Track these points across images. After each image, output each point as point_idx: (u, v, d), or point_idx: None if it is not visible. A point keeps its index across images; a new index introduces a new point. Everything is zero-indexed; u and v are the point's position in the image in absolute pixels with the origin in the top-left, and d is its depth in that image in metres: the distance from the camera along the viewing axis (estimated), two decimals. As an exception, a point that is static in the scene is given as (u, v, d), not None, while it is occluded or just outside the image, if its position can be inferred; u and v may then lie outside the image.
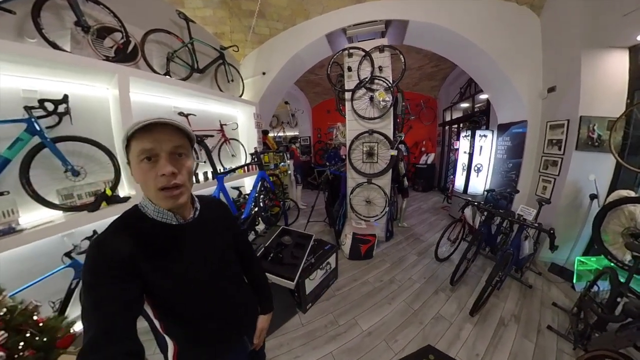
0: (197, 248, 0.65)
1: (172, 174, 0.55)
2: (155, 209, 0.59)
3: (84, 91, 1.74)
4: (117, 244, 0.53)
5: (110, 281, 0.49)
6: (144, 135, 0.53)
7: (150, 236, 0.58)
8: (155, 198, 0.57)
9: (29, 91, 1.50)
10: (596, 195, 2.11)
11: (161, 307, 0.62)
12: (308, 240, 2.06)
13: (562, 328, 1.71)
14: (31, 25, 1.55)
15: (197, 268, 0.63)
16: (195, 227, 0.66)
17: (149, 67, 2.20)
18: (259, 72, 3.41)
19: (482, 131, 3.55)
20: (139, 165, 0.54)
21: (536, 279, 2.31)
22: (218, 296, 0.68)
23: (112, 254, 0.51)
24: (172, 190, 0.56)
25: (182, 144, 0.57)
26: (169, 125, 0.55)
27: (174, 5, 2.58)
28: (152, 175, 0.54)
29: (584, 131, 2.11)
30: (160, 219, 0.60)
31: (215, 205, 0.79)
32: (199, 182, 2.37)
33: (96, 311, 0.47)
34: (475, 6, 2.54)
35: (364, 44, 2.79)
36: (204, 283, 0.64)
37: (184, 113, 2.39)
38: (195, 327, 0.65)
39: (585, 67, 2.07)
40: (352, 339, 1.68)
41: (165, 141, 0.54)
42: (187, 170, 0.59)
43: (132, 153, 0.54)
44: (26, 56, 1.32)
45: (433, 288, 2.19)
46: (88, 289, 0.49)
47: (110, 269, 0.50)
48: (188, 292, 0.61)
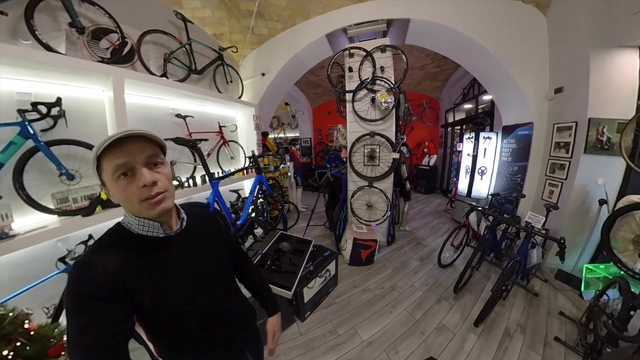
0: (187, 260, 0.62)
1: (153, 183, 0.53)
2: (140, 223, 0.57)
3: (80, 93, 1.71)
4: (101, 263, 0.50)
5: (96, 304, 0.46)
6: (114, 152, 0.50)
7: (137, 252, 0.55)
8: (139, 211, 0.55)
9: (23, 94, 1.48)
10: (605, 201, 2.03)
11: (153, 328, 0.58)
12: (307, 246, 2.01)
13: (570, 339, 1.64)
14: (24, 26, 1.51)
15: (189, 281, 0.60)
16: (183, 238, 0.63)
17: (146, 69, 2.16)
18: (259, 73, 3.37)
19: (486, 133, 3.48)
20: (116, 183, 0.51)
21: (542, 286, 2.24)
22: (213, 311, 0.65)
23: (97, 275, 0.48)
24: (154, 197, 0.54)
25: (155, 153, 0.56)
26: (138, 137, 0.53)
27: (172, 5, 2.55)
28: (132, 189, 0.52)
29: (593, 134, 2.04)
30: (147, 233, 0.57)
31: (204, 215, 0.77)
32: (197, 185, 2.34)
33: (82, 338, 0.44)
34: (479, 4, 2.48)
35: (365, 43, 2.74)
36: (196, 297, 0.61)
37: (182, 115, 2.35)
38: (191, 347, 0.61)
39: (595, 67, 2.00)
40: (352, 349, 1.62)
41: (138, 153, 0.52)
42: (166, 177, 0.57)
43: (106, 173, 0.52)
44: (20, 58, 1.29)
45: (436, 296, 2.13)
46: (72, 314, 0.46)
47: (96, 291, 0.47)
48: (180, 308, 0.58)
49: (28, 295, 1.23)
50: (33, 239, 1.26)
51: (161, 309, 0.55)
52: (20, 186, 1.33)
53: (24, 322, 0.96)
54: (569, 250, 2.28)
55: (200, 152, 1.98)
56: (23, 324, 0.95)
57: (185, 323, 0.59)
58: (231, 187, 2.81)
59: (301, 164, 5.22)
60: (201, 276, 0.63)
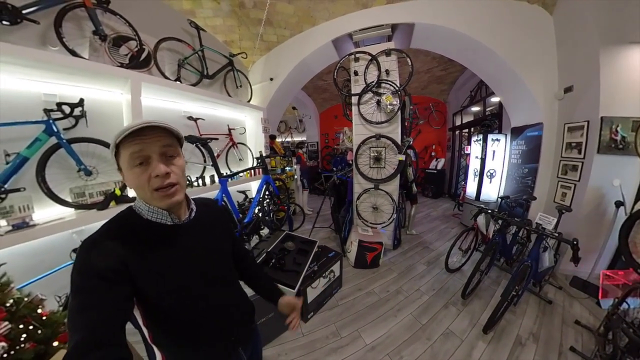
0: (191, 250, 0.63)
1: (166, 174, 0.55)
2: (149, 209, 0.59)
3: (100, 96, 1.83)
4: (109, 245, 0.52)
5: (100, 284, 0.47)
6: (132, 140, 0.53)
7: (144, 237, 0.57)
8: (150, 199, 0.57)
9: (49, 95, 1.59)
10: (622, 203, 1.94)
11: (151, 314, 0.59)
12: (312, 247, 2.01)
13: (587, 350, 1.55)
14: (53, 34, 1.64)
15: (190, 270, 0.61)
16: (190, 228, 0.64)
17: (161, 73, 2.28)
18: (267, 78, 3.48)
19: (495, 135, 3.42)
20: (131, 171, 0.54)
21: (556, 293, 2.13)
22: (211, 302, 0.65)
23: (104, 256, 0.50)
24: (167, 189, 0.56)
25: (170, 143, 0.58)
26: (156, 128, 0.55)
27: (186, 14, 2.70)
28: (145, 177, 0.54)
29: (606, 133, 1.97)
30: (155, 219, 0.59)
31: (213, 208, 0.78)
32: (205, 185, 2.41)
33: (83, 314, 0.45)
34: (484, 6, 2.48)
35: (370, 48, 2.79)
36: (196, 288, 0.62)
37: (193, 117, 2.44)
38: (185, 337, 0.62)
39: (605, 64, 1.95)
40: (355, 352, 1.59)
41: (154, 142, 0.55)
42: (180, 169, 0.59)
43: (123, 159, 0.55)
44: (49, 63, 1.40)
45: (443, 301, 2.06)
46: (76, 291, 0.47)
47: (101, 271, 0.48)
48: (179, 296, 0.59)
49: (42, 284, 1.29)
50: (51, 229, 1.34)
51: (160, 294, 0.56)
52: (42, 180, 1.42)
53: (38, 307, 1.01)
54: (584, 255, 2.18)
55: (210, 150, 2.06)
56: (37, 308, 1.00)
57: (182, 311, 0.59)
58: (239, 188, 2.87)
59: (308, 167, 5.27)
60: (203, 267, 0.64)
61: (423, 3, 2.61)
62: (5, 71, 1.37)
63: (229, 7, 2.73)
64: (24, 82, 1.49)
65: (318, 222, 3.44)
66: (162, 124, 0.56)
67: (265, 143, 3.23)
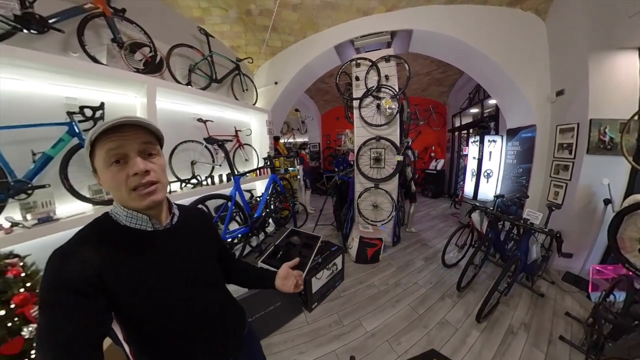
0: (173, 258, 0.58)
1: (146, 172, 0.51)
2: (127, 214, 0.54)
3: (115, 99, 1.94)
4: (81, 254, 0.47)
5: (71, 298, 0.42)
6: (109, 137, 0.49)
7: (121, 244, 0.52)
8: (128, 200, 0.52)
9: (70, 98, 1.71)
10: (610, 200, 2.04)
11: (131, 328, 0.54)
12: (316, 241, 2.13)
13: (576, 339, 1.64)
14: (74, 41, 1.76)
15: (173, 279, 0.57)
16: (172, 234, 0.60)
17: (173, 78, 2.42)
18: (272, 81, 3.61)
19: (491, 136, 3.52)
20: (107, 170, 0.50)
21: (549, 288, 2.23)
22: (197, 312, 0.60)
23: (76, 268, 0.45)
24: (146, 187, 0.52)
25: (150, 141, 0.54)
26: (135, 125, 0.52)
27: (195, 22, 2.84)
28: (122, 176, 0.50)
29: (595, 134, 2.07)
30: (134, 225, 0.55)
31: (197, 214, 0.75)
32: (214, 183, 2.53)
33: (53, 333, 0.40)
34: (479, 13, 2.59)
35: (370, 54, 2.92)
36: (180, 297, 0.57)
37: (203, 119, 2.57)
38: (169, 351, 0.57)
39: (593, 69, 2.06)
40: (356, 339, 1.70)
41: (133, 139, 0.51)
42: (160, 168, 0.55)
43: (98, 158, 0.51)
44: (73, 69, 1.52)
45: (439, 293, 2.17)
46: (45, 307, 0.42)
47: (72, 283, 0.43)
48: (162, 308, 0.54)
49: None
50: (73, 222, 1.44)
51: (140, 306, 0.51)
52: (65, 177, 1.54)
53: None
54: (576, 251, 2.29)
55: (225, 150, 2.19)
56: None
57: (165, 323, 0.55)
58: (245, 188, 2.99)
59: (310, 168, 5.39)
60: (187, 274, 0.60)
61: (420, 10, 2.73)
62: (32, 76, 1.49)
63: (237, 14, 2.87)
64: (48, 86, 1.59)
65: (320, 220, 3.55)
66: (141, 120, 0.52)
67: (270, 144, 3.35)
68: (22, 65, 1.35)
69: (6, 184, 1.34)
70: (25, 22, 1.52)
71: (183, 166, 2.40)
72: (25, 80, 1.50)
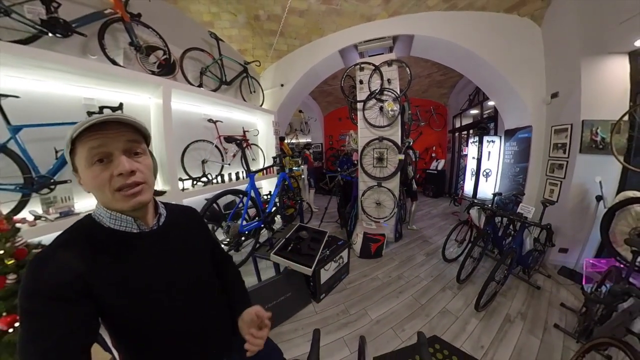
0: (161, 259, 0.56)
1: (131, 172, 0.49)
2: (111, 216, 0.52)
3: (130, 99, 2.03)
4: (63, 259, 0.45)
5: (52, 305, 0.41)
6: (92, 135, 0.47)
7: (106, 249, 0.50)
8: (111, 201, 0.50)
9: (89, 99, 1.81)
10: (602, 197, 2.15)
11: (120, 334, 0.52)
12: (323, 236, 2.24)
13: (570, 327, 1.73)
14: (92, 44, 1.86)
15: (161, 281, 0.55)
16: (159, 236, 0.58)
17: (186, 80, 2.53)
18: (277, 83, 3.73)
19: (490, 137, 3.64)
20: (89, 169, 0.47)
21: (545, 281, 2.33)
22: (188, 317, 0.58)
23: (57, 273, 0.43)
24: (131, 187, 0.49)
25: (136, 139, 0.52)
26: (120, 122, 0.49)
27: (205, 26, 2.96)
28: (105, 177, 0.47)
29: (587, 134, 2.19)
30: (118, 227, 0.53)
31: (186, 213, 0.72)
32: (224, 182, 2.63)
33: (35, 343, 0.39)
34: (478, 19, 2.71)
35: (374, 58, 3.03)
36: (171, 302, 0.56)
37: (213, 120, 2.68)
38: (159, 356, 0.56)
39: (585, 72, 2.17)
40: (362, 326, 1.80)
41: (117, 137, 0.49)
42: (147, 168, 0.53)
43: (79, 156, 0.48)
44: (94, 71, 1.61)
45: (440, 285, 2.27)
46: (25, 315, 0.41)
47: (53, 290, 0.41)
48: (151, 313, 0.52)
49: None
50: None
51: (129, 310, 0.50)
52: (84, 173, 1.65)
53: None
54: (572, 246, 2.41)
55: (242, 149, 2.34)
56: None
57: (154, 328, 0.53)
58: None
59: (314, 168, 5.50)
60: (175, 277, 0.58)
61: (421, 17, 2.85)
62: (54, 77, 1.58)
63: (245, 19, 2.99)
64: (67, 87, 1.68)
65: (325, 219, 3.66)
66: (127, 118, 0.50)
67: (276, 144, 3.46)
68: (47, 67, 1.44)
69: (31, 179, 1.43)
70: (51, 26, 1.62)
71: (194, 165, 2.51)
72: (47, 81, 1.58)
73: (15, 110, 1.36)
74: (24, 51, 1.30)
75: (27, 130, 1.39)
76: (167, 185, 2.11)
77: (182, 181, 2.22)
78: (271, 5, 2.77)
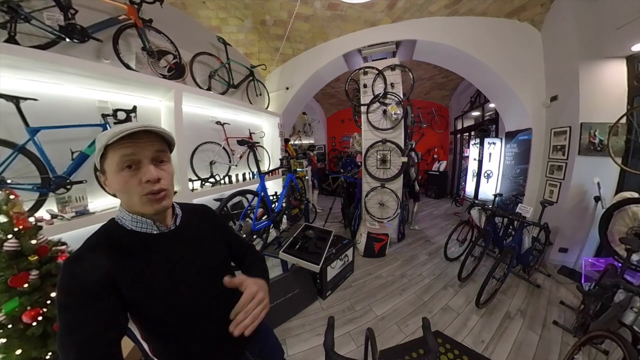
0: (181, 257, 0.61)
1: (157, 180, 0.54)
2: (133, 218, 0.57)
3: (142, 102, 2.08)
4: (93, 260, 0.50)
5: (86, 300, 0.46)
6: (124, 143, 0.51)
7: (130, 249, 0.55)
8: (137, 205, 0.55)
9: (102, 102, 1.86)
10: (600, 198, 2.21)
11: (147, 327, 0.57)
12: (329, 235, 2.31)
13: (569, 324, 1.78)
14: (106, 49, 1.92)
15: (183, 279, 0.60)
16: (177, 235, 0.63)
17: (195, 84, 2.61)
18: (283, 87, 3.81)
19: (491, 139, 3.70)
20: (119, 174, 0.52)
21: (545, 280, 2.39)
22: (210, 310, 0.63)
23: (89, 272, 0.48)
24: (156, 194, 0.54)
25: (163, 149, 0.57)
26: (150, 132, 0.54)
27: (213, 30, 3.04)
28: (134, 182, 0.52)
29: (585, 137, 2.25)
30: (140, 229, 0.58)
31: (201, 212, 0.76)
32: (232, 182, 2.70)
33: (72, 335, 0.43)
34: (479, 25, 2.78)
35: (377, 63, 3.11)
36: (192, 296, 0.60)
37: (220, 122, 2.76)
38: (187, 348, 0.60)
39: (584, 76, 2.23)
40: (368, 322, 1.86)
41: (147, 147, 0.54)
42: (170, 176, 0.59)
43: (110, 161, 0.52)
44: (109, 75, 1.66)
45: (442, 283, 2.34)
46: (63, 310, 0.45)
47: (86, 286, 0.47)
48: (174, 306, 0.57)
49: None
50: (106, 216, 1.54)
51: (152, 305, 0.54)
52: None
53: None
54: (571, 246, 2.46)
55: (254, 151, 2.44)
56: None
57: (177, 320, 0.58)
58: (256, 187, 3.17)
59: (317, 169, 5.57)
60: (194, 273, 0.62)
61: (424, 22, 2.93)
62: (70, 81, 1.62)
63: (252, 24, 3.07)
64: (82, 91, 1.73)
65: (329, 219, 3.73)
66: (157, 128, 0.55)
67: (281, 146, 3.54)
68: (64, 71, 1.48)
69: (48, 179, 1.47)
70: (69, 32, 1.68)
71: (202, 166, 2.58)
72: (63, 84, 1.63)
73: (34, 112, 1.41)
74: (42, 56, 1.35)
75: (44, 132, 1.43)
76: (177, 185, 2.19)
77: (192, 182, 2.29)
78: (277, 10, 2.84)
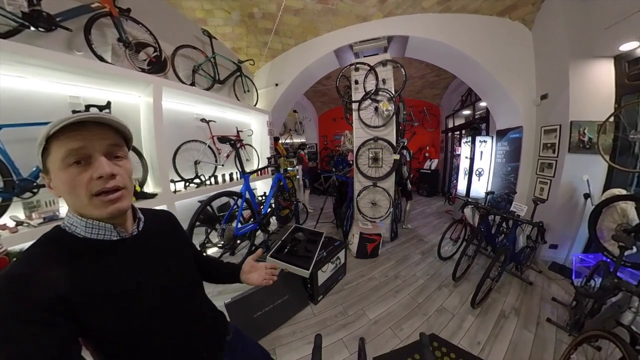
0: (145, 265, 0.54)
1: (112, 176, 0.46)
2: (87, 224, 0.47)
3: (119, 98, 1.96)
4: (39, 277, 0.40)
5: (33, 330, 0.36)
6: (70, 135, 0.43)
7: (82, 259, 0.46)
8: (87, 207, 0.46)
9: (74, 97, 1.73)
10: (589, 195, 2.23)
11: (104, 353, 0.48)
12: (319, 237, 2.22)
13: (562, 321, 1.79)
14: (78, 40, 1.77)
15: (146, 291, 0.52)
16: (140, 241, 0.56)
17: (178, 79, 2.46)
18: (272, 83, 3.69)
19: (482, 137, 3.72)
20: (65, 171, 0.43)
21: (537, 276, 2.39)
22: (177, 319, 0.57)
23: (34, 293, 0.38)
24: (110, 193, 0.46)
25: (118, 143, 0.50)
26: (103, 124, 0.46)
27: (198, 23, 2.89)
28: (82, 180, 0.44)
29: (575, 135, 2.26)
30: (96, 237, 0.48)
31: (165, 218, 0.70)
32: (218, 183, 2.57)
33: None
34: (471, 22, 2.77)
35: (369, 59, 3.04)
36: (156, 309, 0.53)
37: (206, 119, 2.62)
38: None
39: (573, 75, 2.25)
40: (361, 327, 1.79)
41: (99, 140, 0.45)
42: (127, 173, 0.51)
43: (54, 157, 0.43)
44: (80, 67, 1.53)
45: (436, 284, 2.30)
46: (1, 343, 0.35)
47: (26, 313, 0.37)
48: (137, 323, 0.49)
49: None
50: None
51: (112, 326, 0.46)
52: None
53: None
54: (562, 242, 2.48)
55: (237, 149, 2.29)
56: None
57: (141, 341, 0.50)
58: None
59: (309, 168, 5.48)
60: (161, 281, 0.56)
61: (416, 18, 2.89)
62: (36, 74, 1.49)
63: (239, 16, 2.94)
64: (51, 85, 1.60)
65: (320, 219, 3.65)
66: (110, 118, 0.47)
67: (271, 145, 3.42)
68: (27, 63, 1.36)
69: (11, 182, 1.35)
70: (33, 19, 1.53)
71: (187, 166, 2.44)
72: (29, 78, 1.50)
73: (-7, 108, 1.28)
74: (2, 45, 1.22)
75: (7, 130, 1.32)
76: (158, 187, 2.04)
77: (174, 183, 2.15)
78: (266, 3, 2.73)
